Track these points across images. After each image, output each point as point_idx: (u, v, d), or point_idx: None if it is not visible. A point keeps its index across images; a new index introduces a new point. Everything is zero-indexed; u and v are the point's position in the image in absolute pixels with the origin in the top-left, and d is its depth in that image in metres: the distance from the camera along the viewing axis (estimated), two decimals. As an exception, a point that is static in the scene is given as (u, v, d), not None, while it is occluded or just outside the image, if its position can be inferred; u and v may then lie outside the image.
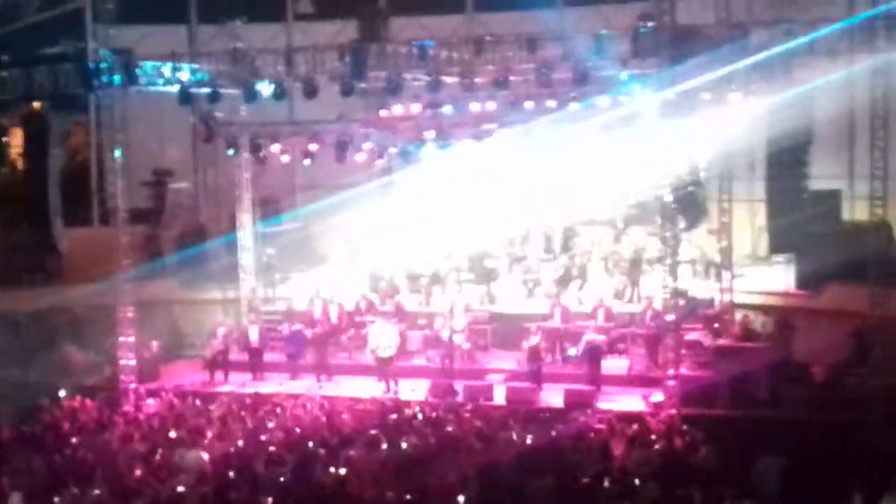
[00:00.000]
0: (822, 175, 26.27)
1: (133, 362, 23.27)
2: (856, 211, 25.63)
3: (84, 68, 30.34)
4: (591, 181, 27.29)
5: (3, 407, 20.84)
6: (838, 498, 14.69)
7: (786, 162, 25.79)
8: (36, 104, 30.15)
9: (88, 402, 21.29)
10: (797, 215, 25.22)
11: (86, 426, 19.83)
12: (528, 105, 23.56)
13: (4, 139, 31.85)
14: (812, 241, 24.62)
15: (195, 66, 23.75)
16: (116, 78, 23.32)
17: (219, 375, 24.11)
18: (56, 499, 15.47)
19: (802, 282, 24.43)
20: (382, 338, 23.15)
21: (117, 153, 23.82)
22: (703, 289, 24.79)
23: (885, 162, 21.20)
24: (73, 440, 18.46)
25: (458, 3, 30.44)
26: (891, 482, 14.59)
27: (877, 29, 20.93)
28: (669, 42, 20.83)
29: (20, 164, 31.52)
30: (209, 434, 18.67)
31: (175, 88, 23.31)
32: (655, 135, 22.34)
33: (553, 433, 18.11)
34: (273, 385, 23.49)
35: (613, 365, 22.88)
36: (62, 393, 21.83)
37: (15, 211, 29.86)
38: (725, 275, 24.71)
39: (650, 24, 21.44)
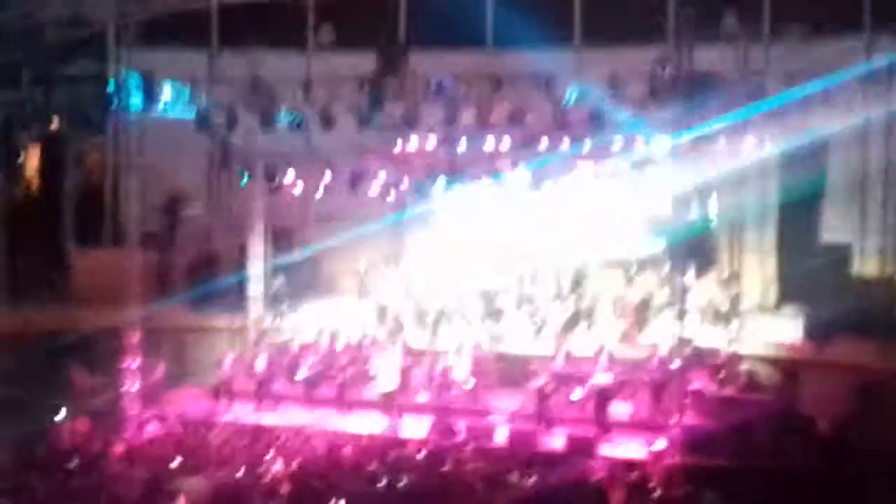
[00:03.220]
0: (833, 228, 26.32)
1: (137, 387, 23.30)
2: (865, 266, 25.64)
3: (104, 90, 30.77)
4: (602, 223, 27.44)
5: (4, 427, 20.91)
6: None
7: (797, 213, 25.86)
8: (54, 124, 30.43)
9: (91, 424, 21.31)
10: (807, 267, 25.26)
11: (87, 449, 19.86)
12: (543, 144, 23.61)
13: (21, 158, 32.03)
14: (821, 293, 24.60)
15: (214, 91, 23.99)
16: (135, 100, 23.55)
17: (223, 404, 24.11)
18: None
19: (810, 334, 24.36)
20: (385, 371, 23.17)
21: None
22: (709, 337, 24.71)
23: (896, 218, 21.26)
24: (74, 463, 18.47)
25: (478, 40, 30.55)
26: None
27: (893, 81, 21.06)
28: (685, 86, 20.92)
29: (35, 184, 31.73)
30: (209, 462, 18.70)
31: (193, 113, 23.54)
32: (668, 179, 22.45)
33: (553, 477, 18.06)
34: (277, 416, 23.51)
35: (617, 410, 22.79)
36: (64, 415, 21.86)
37: (28, 230, 30.00)
38: (733, 324, 24.65)
39: (667, 67, 21.58)
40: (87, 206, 31.26)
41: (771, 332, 25.27)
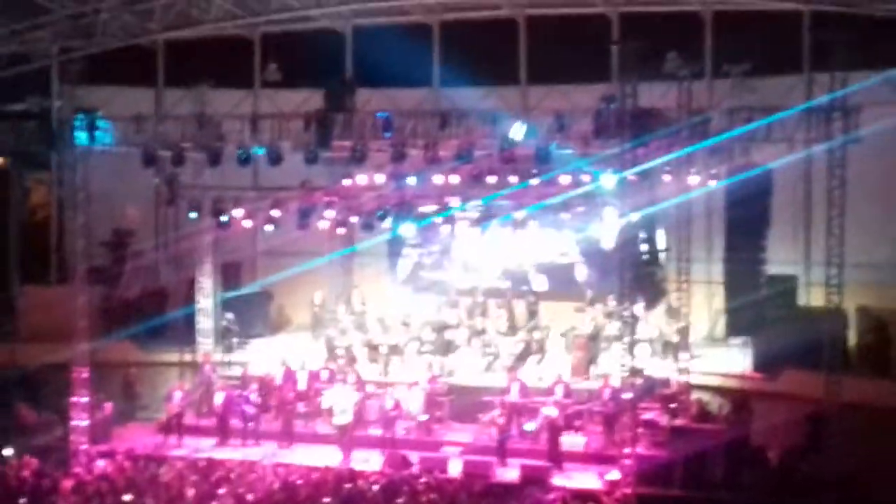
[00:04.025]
0: (779, 260, 26.71)
1: (86, 423, 23.00)
2: (811, 296, 26.02)
3: (48, 126, 30.53)
4: (550, 256, 27.60)
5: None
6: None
7: (743, 245, 26.23)
8: (-1, 161, 30.11)
9: (38, 461, 20.97)
10: (754, 298, 25.59)
11: (35, 486, 19.54)
12: (491, 180, 23.75)
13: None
14: (768, 324, 24.92)
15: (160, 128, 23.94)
16: (80, 136, 23.44)
17: (172, 439, 23.84)
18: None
19: (759, 365, 24.62)
20: (339, 404, 23.06)
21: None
22: (660, 368, 24.90)
23: (840, 249, 21.55)
24: (21, 501, 18.15)
25: (424, 78, 30.77)
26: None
27: (833, 117, 21.49)
28: (631, 123, 21.17)
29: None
30: (159, 498, 18.47)
31: (139, 149, 23.46)
32: (614, 214, 22.66)
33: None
34: (229, 450, 23.29)
35: (570, 441, 22.84)
36: (10, 451, 21.51)
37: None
38: (683, 355, 24.87)
39: (612, 104, 21.82)
40: (32, 243, 30.90)
41: (720, 363, 25.57)
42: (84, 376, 23.12)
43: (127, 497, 18.42)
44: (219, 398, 24.38)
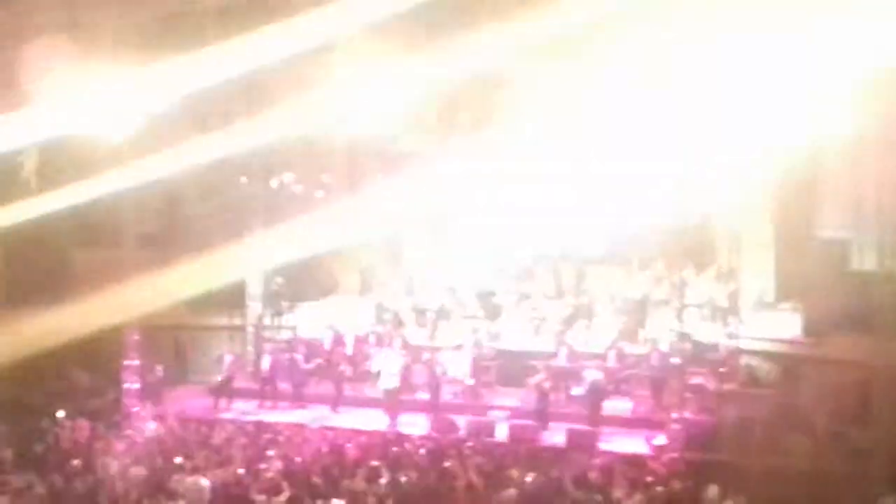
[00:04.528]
0: (830, 223, 26.28)
1: (137, 386, 23.32)
2: (864, 260, 25.60)
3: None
4: (601, 221, 27.42)
5: (5, 428, 20.91)
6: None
7: (794, 208, 25.85)
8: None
9: (91, 424, 21.31)
10: (805, 262, 25.25)
11: (87, 448, 19.87)
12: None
13: (19, 159, 31.91)
14: (819, 289, 24.59)
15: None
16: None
17: (223, 402, 24.13)
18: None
19: (808, 330, 24.37)
20: (386, 368, 23.22)
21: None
22: (708, 333, 24.74)
23: (894, 212, 21.22)
24: (74, 462, 18.45)
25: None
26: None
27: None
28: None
29: (34, 185, 31.58)
30: (209, 460, 18.70)
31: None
32: (667, 176, 22.49)
33: (554, 472, 18.07)
34: (278, 414, 23.54)
35: (617, 406, 22.87)
36: (63, 414, 21.86)
37: (26, 232, 29.88)
38: (732, 320, 24.67)
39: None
40: (84, 208, 31.07)
41: (770, 328, 25.32)
42: (135, 339, 23.42)
43: (178, 460, 18.62)
44: (265, 361, 24.63)
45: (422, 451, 19.73)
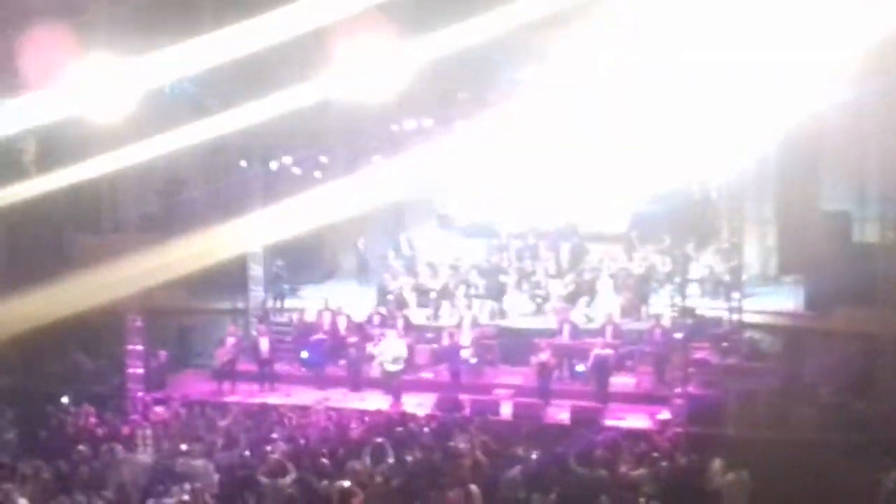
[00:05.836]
0: (832, 196, 26.23)
1: (141, 371, 23.30)
2: (866, 232, 25.56)
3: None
4: (601, 197, 27.40)
5: (10, 413, 20.93)
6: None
7: (796, 182, 25.80)
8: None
9: (95, 409, 21.32)
10: (807, 236, 25.20)
11: (92, 433, 19.88)
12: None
13: (19, 146, 31.83)
14: (821, 261, 24.55)
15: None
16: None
17: (226, 385, 24.14)
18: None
19: (811, 303, 24.35)
20: (391, 352, 23.21)
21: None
22: (711, 308, 24.72)
23: (896, 184, 21.22)
24: (80, 447, 18.46)
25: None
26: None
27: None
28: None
29: (34, 171, 31.48)
30: (215, 443, 18.72)
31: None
32: (668, 151, 22.41)
33: (559, 449, 18.08)
34: (281, 396, 23.56)
35: (620, 382, 22.90)
36: (67, 400, 21.87)
37: (27, 218, 29.83)
38: (734, 294, 24.64)
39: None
40: (84, 193, 31.00)
41: (772, 301, 25.31)
42: (138, 324, 23.38)
43: (183, 442, 18.64)
44: (264, 344, 24.64)
45: (426, 429, 19.75)
